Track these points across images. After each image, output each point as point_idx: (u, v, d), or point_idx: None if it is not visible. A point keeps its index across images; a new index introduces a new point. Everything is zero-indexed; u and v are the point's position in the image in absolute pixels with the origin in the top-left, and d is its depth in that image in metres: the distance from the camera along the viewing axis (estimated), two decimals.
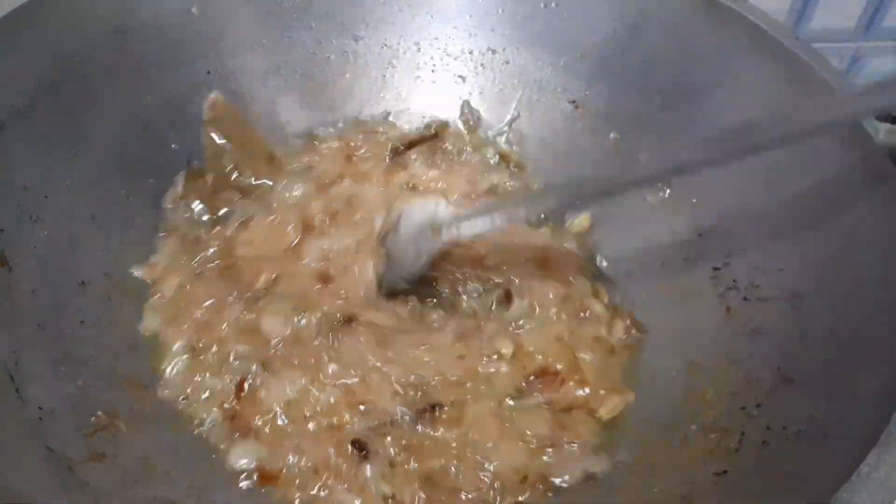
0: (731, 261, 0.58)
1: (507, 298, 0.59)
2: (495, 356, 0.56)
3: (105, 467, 0.43)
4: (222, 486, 0.48)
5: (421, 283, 0.59)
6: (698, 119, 0.63)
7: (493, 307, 0.59)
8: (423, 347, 0.54)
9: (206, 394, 0.52)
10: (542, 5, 0.68)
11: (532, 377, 0.55)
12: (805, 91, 0.55)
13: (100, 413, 0.46)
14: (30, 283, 0.49)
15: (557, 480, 0.50)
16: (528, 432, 0.52)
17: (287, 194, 0.64)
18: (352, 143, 0.69)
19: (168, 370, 0.53)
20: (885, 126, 0.51)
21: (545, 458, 0.51)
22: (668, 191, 0.64)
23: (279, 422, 0.50)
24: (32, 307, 0.48)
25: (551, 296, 0.59)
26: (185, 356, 0.53)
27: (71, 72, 0.55)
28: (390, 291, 0.59)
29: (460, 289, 0.60)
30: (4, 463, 0.37)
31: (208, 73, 0.64)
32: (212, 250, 0.59)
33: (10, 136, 0.50)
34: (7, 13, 0.51)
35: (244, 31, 0.65)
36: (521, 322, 0.58)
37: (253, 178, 0.64)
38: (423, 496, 0.48)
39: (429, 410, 0.51)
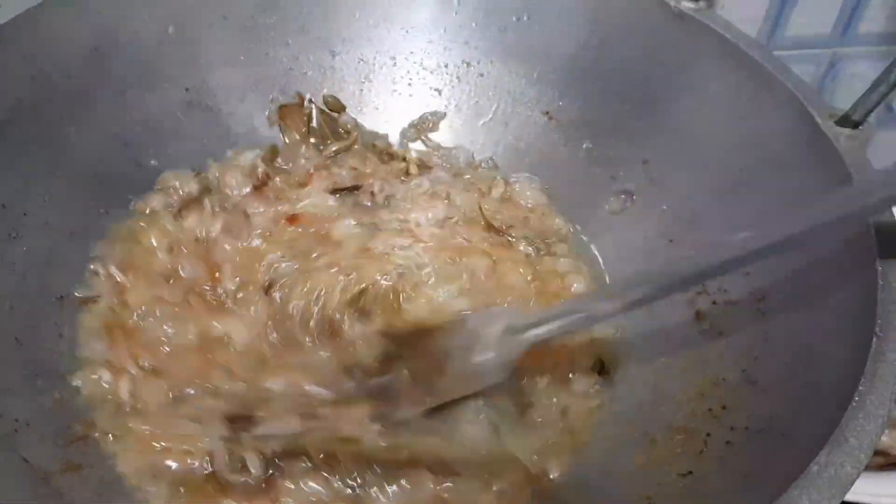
0: None
1: None
2: None
3: (80, 478, 0.43)
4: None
5: None
6: (667, 127, 0.64)
7: None
8: None
9: None
10: (514, 19, 0.69)
11: None
12: (767, 97, 0.56)
13: (76, 424, 0.47)
14: (7, 299, 0.50)
15: None
16: None
17: None
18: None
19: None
20: (846, 131, 0.52)
21: None
22: (636, 198, 0.65)
23: None
24: (10, 322, 0.49)
25: None
26: None
27: (49, 91, 0.56)
28: None
29: None
30: None
31: (187, 90, 0.66)
32: None
33: None
34: None
35: (221, 48, 0.67)
36: None
37: None
38: None
39: None
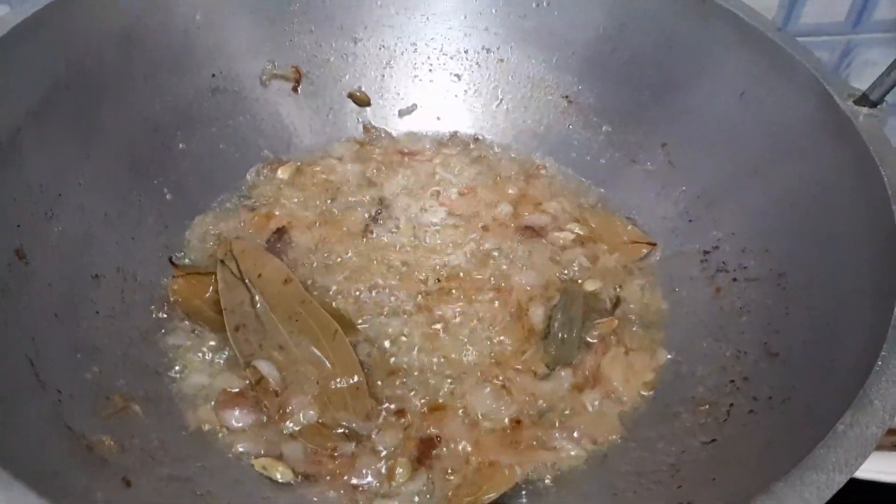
0: (720, 244, 0.60)
1: None
2: None
3: (121, 447, 0.45)
4: (232, 465, 0.50)
5: None
6: (686, 110, 0.65)
7: None
8: None
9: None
10: (534, 5, 0.70)
11: None
12: (786, 80, 0.57)
13: (115, 397, 0.49)
14: (46, 276, 0.51)
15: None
16: None
17: None
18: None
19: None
20: (864, 110, 0.53)
21: None
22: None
23: None
24: (49, 299, 0.50)
25: None
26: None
27: (83, 76, 0.57)
28: None
29: None
30: (28, 440, 0.39)
31: (213, 75, 0.67)
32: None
33: (25, 138, 0.52)
34: (22, 20, 0.53)
35: (247, 35, 0.68)
36: None
37: None
38: None
39: None
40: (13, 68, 0.52)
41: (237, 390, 0.53)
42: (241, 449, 0.51)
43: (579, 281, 0.61)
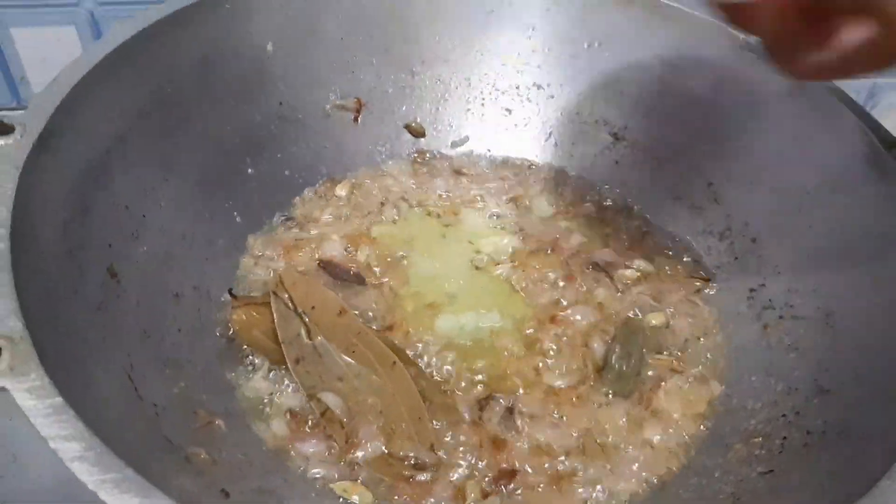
0: (766, 282, 0.63)
1: None
2: None
3: (213, 460, 0.47)
4: (310, 484, 0.52)
5: None
6: (732, 151, 0.68)
7: None
8: None
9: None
10: (585, 45, 0.74)
11: None
12: (830, 124, 0.60)
13: (201, 412, 0.51)
14: (134, 294, 0.53)
15: None
16: None
17: None
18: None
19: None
20: None
21: None
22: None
23: None
24: (137, 316, 0.53)
25: None
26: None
27: (163, 102, 0.60)
28: None
29: None
30: (139, 451, 0.41)
31: (280, 104, 0.70)
32: None
33: (113, 161, 0.55)
34: (112, 49, 0.56)
35: (313, 66, 0.71)
36: None
37: None
38: None
39: None
40: (103, 94, 0.55)
41: (306, 420, 0.56)
42: (317, 475, 0.53)
43: (640, 315, 0.63)
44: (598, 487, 0.53)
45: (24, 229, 0.44)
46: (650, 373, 0.60)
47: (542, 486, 0.53)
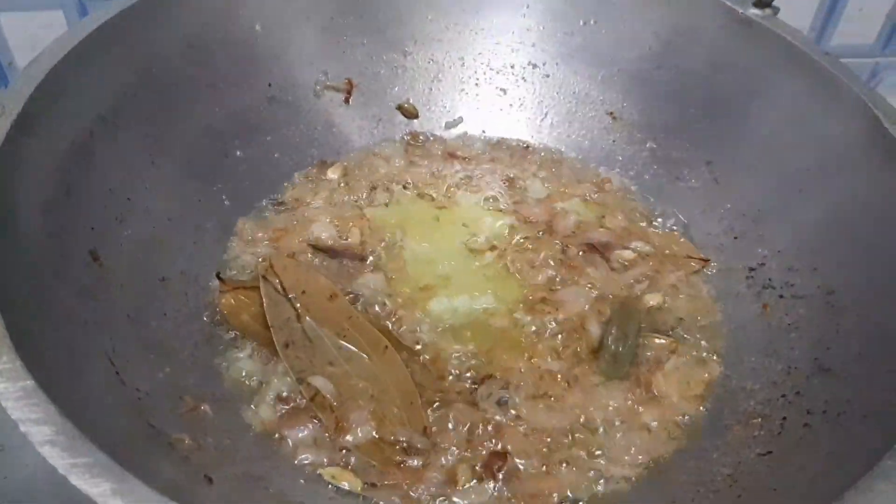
0: (766, 262, 0.62)
1: None
2: None
3: (198, 445, 0.46)
4: (298, 469, 0.51)
5: None
6: (731, 129, 0.67)
7: None
8: None
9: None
10: (581, 23, 0.72)
11: None
12: (833, 101, 0.59)
13: (187, 397, 0.50)
14: (118, 277, 0.52)
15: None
16: None
17: None
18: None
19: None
20: None
21: None
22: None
23: None
24: (122, 300, 0.52)
25: None
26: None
27: (150, 83, 0.59)
28: None
29: None
30: (117, 437, 0.40)
31: (269, 85, 0.69)
32: None
33: (96, 142, 0.54)
34: (95, 28, 0.55)
35: (303, 46, 0.70)
36: None
37: None
38: None
39: None
40: (86, 74, 0.54)
41: (292, 404, 0.55)
42: (305, 460, 0.51)
43: (639, 294, 0.62)
44: (593, 471, 0.52)
45: (2, 211, 0.43)
46: (648, 354, 0.58)
47: (535, 469, 0.52)
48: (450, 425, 0.54)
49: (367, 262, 0.64)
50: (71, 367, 0.42)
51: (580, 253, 0.65)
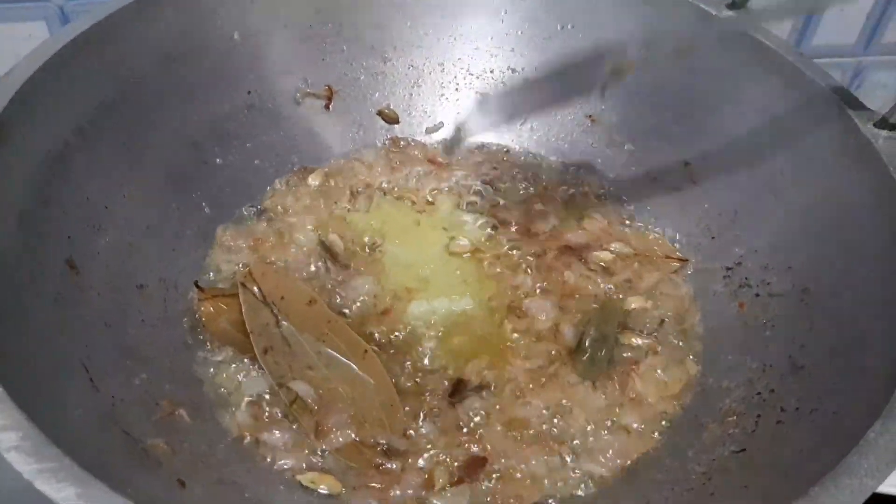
0: (742, 261, 0.62)
1: None
2: None
3: (173, 451, 0.46)
4: (275, 475, 0.51)
5: None
6: (707, 131, 0.67)
7: None
8: None
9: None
10: (558, 27, 0.73)
11: None
12: (806, 102, 0.59)
13: (164, 403, 0.50)
14: (95, 285, 0.52)
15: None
16: None
17: None
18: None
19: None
20: (883, 133, 0.55)
21: None
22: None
23: None
24: (99, 307, 0.52)
25: None
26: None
27: (127, 94, 0.59)
28: None
29: None
30: (89, 443, 0.40)
31: (249, 93, 0.69)
32: None
33: (74, 152, 0.54)
34: (71, 39, 0.55)
35: (282, 54, 0.70)
36: None
37: None
38: None
39: None
40: (63, 84, 0.54)
41: (271, 409, 0.55)
42: (283, 465, 0.52)
43: (617, 295, 0.62)
44: (570, 472, 0.52)
45: None
46: (626, 354, 0.59)
47: (512, 470, 0.52)
48: (428, 428, 0.54)
49: (349, 268, 0.64)
50: (40, 375, 0.42)
51: (558, 255, 0.65)
